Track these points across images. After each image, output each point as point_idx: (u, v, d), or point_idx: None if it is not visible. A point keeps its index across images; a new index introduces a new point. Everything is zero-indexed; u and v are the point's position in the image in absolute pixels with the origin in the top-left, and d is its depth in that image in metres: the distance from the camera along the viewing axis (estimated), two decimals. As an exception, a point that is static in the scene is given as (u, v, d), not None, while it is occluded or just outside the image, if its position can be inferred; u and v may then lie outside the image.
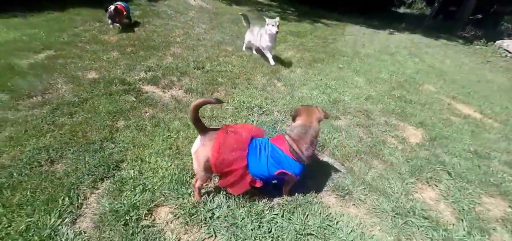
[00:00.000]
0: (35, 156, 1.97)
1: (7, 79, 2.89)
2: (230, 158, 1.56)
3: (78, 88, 2.96)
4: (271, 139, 1.73)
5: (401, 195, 2.07)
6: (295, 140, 1.66)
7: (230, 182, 1.63)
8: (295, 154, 1.64)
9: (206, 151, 1.58)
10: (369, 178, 2.19)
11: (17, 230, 1.46)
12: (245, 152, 1.61)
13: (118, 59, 3.84)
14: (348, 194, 2.01)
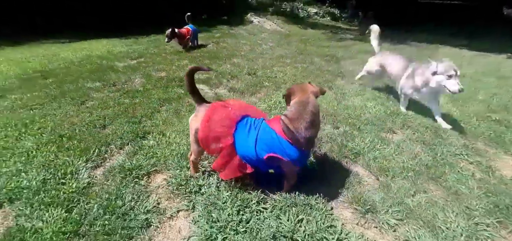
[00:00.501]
0: (94, 120, 2.46)
1: (105, 74, 3.83)
2: (216, 133, 1.47)
3: (147, 82, 3.59)
4: (267, 120, 1.54)
5: (460, 235, 1.38)
6: (291, 119, 1.41)
7: (220, 164, 1.52)
8: (290, 135, 1.39)
9: (197, 122, 1.56)
10: (411, 202, 1.58)
11: (59, 162, 1.82)
12: (232, 129, 1.48)
13: (186, 65, 4.46)
14: (371, 212, 1.51)
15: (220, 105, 1.57)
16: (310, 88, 1.51)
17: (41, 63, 4.47)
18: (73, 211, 1.43)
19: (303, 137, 1.38)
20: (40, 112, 2.62)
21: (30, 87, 3.28)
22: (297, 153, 1.40)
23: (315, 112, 1.42)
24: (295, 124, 1.39)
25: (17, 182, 1.62)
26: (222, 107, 1.55)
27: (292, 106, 1.46)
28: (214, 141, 1.48)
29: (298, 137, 1.38)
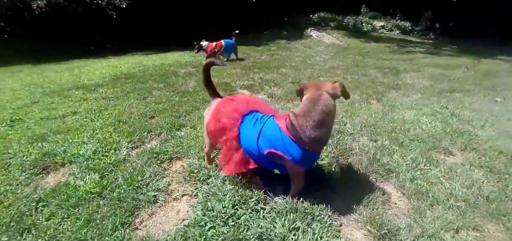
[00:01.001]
0: (147, 111, 2.83)
1: (168, 77, 4.40)
2: (223, 125, 1.47)
3: (198, 85, 3.93)
4: (276, 117, 1.44)
5: None
6: (297, 115, 1.28)
7: (223, 156, 1.51)
8: (293, 131, 1.26)
9: (208, 115, 1.60)
10: (451, 238, 1.19)
11: (110, 139, 2.16)
12: (238, 121, 1.45)
13: (236, 73, 4.70)
14: (389, 238, 1.20)
15: (230, 99, 1.57)
16: (326, 86, 1.34)
17: (128, 68, 5.50)
18: (104, 178, 1.65)
19: (308, 136, 1.23)
20: (113, 102, 3.20)
21: (114, 84, 4.06)
22: (300, 153, 1.25)
23: (326, 111, 1.25)
24: (300, 120, 1.26)
25: (78, 150, 1.99)
26: (231, 101, 1.55)
27: (302, 103, 1.33)
28: (220, 132, 1.48)
29: (301, 135, 1.24)
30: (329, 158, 1.81)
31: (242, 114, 1.46)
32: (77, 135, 2.28)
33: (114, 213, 1.35)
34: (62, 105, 3.15)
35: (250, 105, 1.53)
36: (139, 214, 1.39)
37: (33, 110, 2.96)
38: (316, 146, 1.29)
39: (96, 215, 1.34)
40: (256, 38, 9.66)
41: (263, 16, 11.65)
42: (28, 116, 2.79)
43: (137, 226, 1.31)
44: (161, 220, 1.35)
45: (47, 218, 1.33)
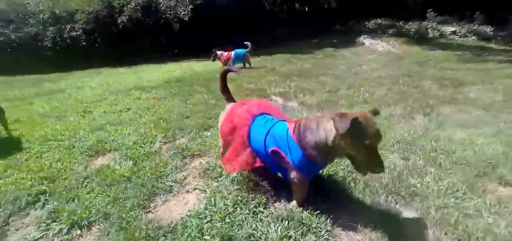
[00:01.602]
0: (184, 112, 3.14)
1: (211, 82, 4.78)
2: (234, 124, 1.55)
3: (236, 90, 4.13)
4: (287, 121, 1.45)
5: None
6: (305, 124, 1.27)
7: (230, 155, 1.57)
8: (298, 136, 1.25)
9: (222, 118, 1.70)
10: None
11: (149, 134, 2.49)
12: (248, 121, 1.51)
13: (273, 80, 4.77)
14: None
15: (242, 102, 1.65)
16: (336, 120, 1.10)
17: (181, 73, 6.17)
18: (136, 165, 1.92)
19: (307, 142, 1.20)
20: (160, 102, 3.65)
21: (165, 87, 4.62)
22: (299, 156, 1.23)
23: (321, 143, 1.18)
24: (304, 130, 1.24)
25: (123, 140, 2.36)
26: (243, 104, 1.62)
27: (316, 117, 1.29)
28: (231, 132, 1.56)
29: (301, 140, 1.22)
30: (344, 171, 1.69)
31: (254, 115, 1.51)
32: (126, 127, 2.69)
33: (135, 195, 1.56)
34: (122, 102, 3.76)
35: (261, 108, 1.57)
36: (155, 199, 1.57)
37: (100, 105, 3.62)
38: (319, 157, 1.24)
39: (122, 195, 1.57)
40: (303, 45, 9.58)
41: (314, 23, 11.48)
42: (96, 109, 3.43)
43: (150, 210, 1.48)
44: (171, 208, 1.50)
45: (88, 192, 1.63)
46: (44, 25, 8.84)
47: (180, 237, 1.22)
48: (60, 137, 2.51)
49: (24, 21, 8.76)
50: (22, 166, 1.98)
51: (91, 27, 9.09)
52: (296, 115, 2.89)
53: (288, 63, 6.78)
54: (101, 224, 1.36)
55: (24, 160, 2.09)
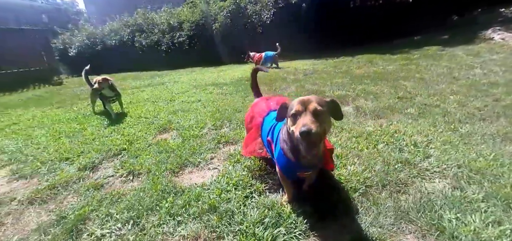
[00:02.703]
0: (238, 106, 3.59)
1: (276, 82, 5.09)
2: (252, 114, 1.81)
3: (297, 90, 4.30)
4: None
5: None
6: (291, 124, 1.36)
7: (245, 140, 1.83)
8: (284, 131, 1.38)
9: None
10: None
11: (203, 121, 3.07)
12: (264, 113, 1.72)
13: (340, 83, 4.58)
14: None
15: (266, 98, 1.86)
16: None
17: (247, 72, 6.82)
18: (184, 142, 2.48)
19: (284, 139, 1.31)
20: (224, 97, 4.29)
21: (235, 84, 5.30)
22: (278, 150, 1.34)
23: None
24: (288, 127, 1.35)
25: (184, 123, 3.03)
26: (266, 99, 1.84)
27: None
28: (250, 121, 1.82)
29: (281, 135, 1.34)
30: (360, 182, 1.60)
31: (270, 109, 1.71)
32: (190, 114, 3.40)
33: (172, 162, 2.07)
34: (197, 94, 4.65)
35: (280, 103, 1.74)
36: (184, 168, 2.03)
37: (182, 96, 4.62)
38: (285, 150, 1.30)
39: (164, 161, 2.13)
40: (399, 44, 8.39)
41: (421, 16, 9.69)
42: (178, 98, 4.43)
43: (177, 176, 1.94)
44: (191, 177, 1.91)
45: (146, 154, 2.29)
46: (163, 33, 11.75)
47: (180, 197, 1.60)
48: (148, 116, 3.47)
49: (151, 30, 11.97)
50: (120, 131, 2.94)
51: (192, 33, 11.31)
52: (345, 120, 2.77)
53: (368, 65, 6.19)
54: (144, 176, 1.93)
55: (123, 128, 3.08)
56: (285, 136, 1.29)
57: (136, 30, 12.23)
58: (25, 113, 4.30)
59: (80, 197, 1.73)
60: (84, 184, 1.88)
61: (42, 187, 1.88)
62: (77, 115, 3.89)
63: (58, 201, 1.72)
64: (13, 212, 1.63)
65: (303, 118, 1.08)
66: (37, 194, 1.78)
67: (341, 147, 2.12)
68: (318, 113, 1.10)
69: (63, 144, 2.68)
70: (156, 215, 1.47)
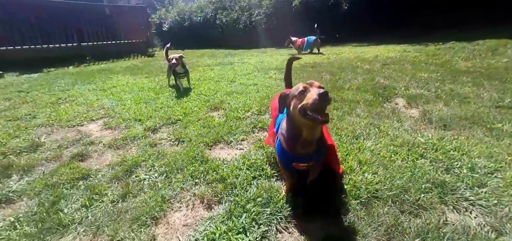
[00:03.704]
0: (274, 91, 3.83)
1: (343, 71, 4.98)
2: (275, 105, 2.08)
3: (361, 84, 4.16)
4: None
5: None
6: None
7: (268, 130, 2.13)
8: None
9: None
10: None
11: (249, 104, 3.50)
12: (284, 105, 1.96)
13: (423, 78, 4.12)
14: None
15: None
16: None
17: (322, 58, 6.75)
18: (225, 122, 2.96)
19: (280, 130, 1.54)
20: (279, 83, 4.57)
21: (297, 71, 5.48)
22: (277, 141, 1.58)
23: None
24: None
25: (232, 105, 3.53)
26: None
27: None
28: (273, 111, 2.11)
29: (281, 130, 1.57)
30: (368, 191, 1.68)
31: None
32: (242, 96, 3.88)
33: (209, 137, 2.58)
34: (257, 78, 5.10)
35: None
36: (217, 144, 2.50)
37: (243, 78, 5.17)
38: (281, 141, 1.51)
39: (204, 134, 2.66)
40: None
41: None
42: (238, 80, 5.00)
43: (209, 148, 2.43)
44: (220, 153, 2.36)
45: (193, 127, 2.89)
46: (242, 11, 12.73)
47: (203, 165, 2.07)
48: (207, 94, 4.16)
49: (232, 8, 13.13)
50: (181, 104, 3.71)
51: (270, 11, 11.78)
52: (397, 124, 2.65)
53: (488, 54, 5.18)
54: (184, 144, 2.51)
55: (184, 101, 3.85)
56: (283, 127, 1.52)
57: (219, 8, 13.67)
58: (122, 79, 5.81)
59: (139, 150, 2.46)
60: (144, 141, 2.62)
61: (119, 137, 2.73)
62: (156, 85, 5.01)
63: (125, 149, 2.50)
64: (98, 151, 2.50)
65: (312, 90, 1.26)
66: (115, 142, 2.63)
67: (373, 153, 2.12)
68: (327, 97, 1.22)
69: (140, 108, 3.64)
70: (181, 174, 1.99)
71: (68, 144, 2.65)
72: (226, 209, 1.60)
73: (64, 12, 8.74)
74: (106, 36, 9.91)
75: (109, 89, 4.91)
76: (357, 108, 3.13)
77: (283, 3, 11.69)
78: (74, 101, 4.20)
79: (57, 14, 8.53)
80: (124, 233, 1.47)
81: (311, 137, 1.39)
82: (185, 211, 1.64)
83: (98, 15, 9.64)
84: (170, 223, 1.55)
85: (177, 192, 1.80)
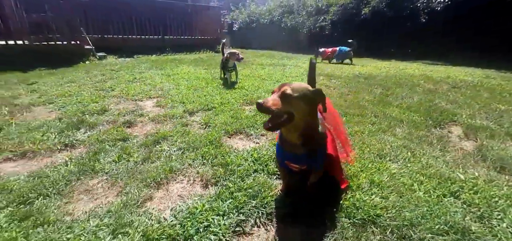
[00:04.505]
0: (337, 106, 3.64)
1: (399, 86, 4.43)
2: None
3: (419, 105, 3.66)
4: None
5: None
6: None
7: None
8: None
9: None
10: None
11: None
12: None
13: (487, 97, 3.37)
14: None
15: None
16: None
17: (379, 71, 6.11)
18: (253, 116, 3.01)
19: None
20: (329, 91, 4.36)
21: (348, 81, 5.13)
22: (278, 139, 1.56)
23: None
24: None
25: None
26: None
27: None
28: None
29: None
30: (365, 213, 1.49)
31: None
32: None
33: (232, 126, 2.66)
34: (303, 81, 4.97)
35: None
36: (237, 135, 2.56)
37: (288, 79, 5.12)
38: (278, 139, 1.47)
39: (229, 123, 2.76)
40: None
41: None
42: (282, 80, 4.98)
43: (229, 136, 2.51)
44: (237, 142, 2.41)
45: (223, 116, 3.03)
46: (308, 16, 12.50)
47: (216, 150, 2.16)
48: (249, 89, 4.28)
49: (299, 12, 13.02)
50: (222, 95, 3.92)
51: (337, 18, 11.23)
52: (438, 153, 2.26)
53: None
54: (210, 128, 2.66)
55: (225, 93, 4.05)
56: None
57: (286, 11, 13.75)
58: (186, 68, 6.44)
59: (172, 126, 2.73)
60: (179, 120, 2.89)
61: (161, 114, 3.07)
62: (209, 76, 5.40)
63: (163, 124, 2.80)
64: (143, 122, 2.87)
65: (272, 95, 1.26)
66: (157, 117, 2.97)
67: (392, 177, 1.84)
68: (285, 96, 1.22)
69: (188, 93, 3.99)
70: (194, 153, 2.13)
71: (125, 113, 3.12)
72: (217, 191, 1.65)
73: (155, 10, 10.17)
74: (184, 31, 11.11)
75: (172, 75, 5.53)
76: (397, 127, 2.76)
77: (351, 10, 11.00)
78: (143, 82, 4.88)
79: (150, 12, 9.97)
80: (131, 187, 1.67)
81: (290, 139, 1.36)
82: (185, 185, 1.76)
83: (181, 13, 10.88)
84: (169, 190, 1.69)
85: (185, 167, 1.94)
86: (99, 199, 1.60)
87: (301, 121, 1.28)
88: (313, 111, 1.36)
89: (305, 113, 1.28)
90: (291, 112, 1.24)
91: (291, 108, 1.24)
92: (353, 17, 10.92)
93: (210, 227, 1.35)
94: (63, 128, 2.60)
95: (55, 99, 3.60)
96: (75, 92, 3.99)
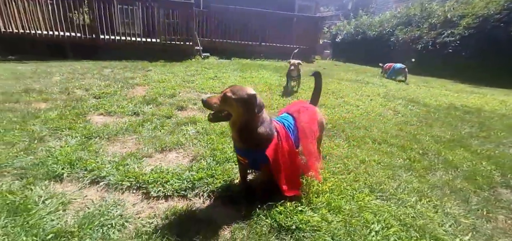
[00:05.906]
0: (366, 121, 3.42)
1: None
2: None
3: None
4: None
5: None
6: None
7: None
8: None
9: None
10: None
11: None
12: (281, 112, 2.18)
13: None
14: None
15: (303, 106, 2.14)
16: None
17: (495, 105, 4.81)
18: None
19: None
20: (382, 110, 4.02)
21: (437, 111, 4.42)
22: None
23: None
24: None
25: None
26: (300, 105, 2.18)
27: None
28: None
29: None
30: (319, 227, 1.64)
31: (287, 112, 2.12)
32: (326, 110, 3.93)
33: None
34: (369, 104, 4.71)
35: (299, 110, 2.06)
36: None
37: (355, 98, 4.94)
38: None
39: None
40: None
41: None
42: (347, 98, 4.86)
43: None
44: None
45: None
46: (429, 29, 10.74)
47: (222, 139, 2.67)
48: (298, 97, 4.51)
49: (418, 24, 11.41)
50: (275, 100, 4.33)
51: (469, 33, 9.17)
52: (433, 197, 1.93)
53: None
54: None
55: (278, 99, 4.44)
56: None
57: (401, 23, 12.37)
58: (264, 74, 7.11)
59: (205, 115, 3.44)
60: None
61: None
62: (276, 83, 5.89)
63: (202, 113, 3.55)
64: (192, 108, 3.73)
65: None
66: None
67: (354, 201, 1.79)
68: (225, 97, 1.56)
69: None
70: (208, 136, 2.70)
71: (185, 100, 4.10)
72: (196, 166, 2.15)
73: (256, 19, 11.57)
74: (281, 39, 12.00)
75: (248, 78, 6.37)
76: (438, 171, 2.39)
77: (496, 23, 8.74)
78: (219, 80, 5.92)
79: (255, 20, 11.44)
80: (144, 147, 2.44)
81: (232, 134, 1.69)
82: (178, 155, 2.38)
83: (282, 21, 11.85)
84: (166, 156, 2.35)
85: (190, 144, 2.56)
86: (125, 148, 2.45)
87: (237, 119, 1.61)
88: (250, 113, 1.63)
89: (240, 113, 1.60)
90: (228, 111, 1.61)
91: (229, 107, 1.60)
92: (496, 33, 8.62)
93: (167, 183, 1.90)
94: (141, 102, 3.80)
95: (152, 83, 5.09)
96: (168, 79, 5.44)
